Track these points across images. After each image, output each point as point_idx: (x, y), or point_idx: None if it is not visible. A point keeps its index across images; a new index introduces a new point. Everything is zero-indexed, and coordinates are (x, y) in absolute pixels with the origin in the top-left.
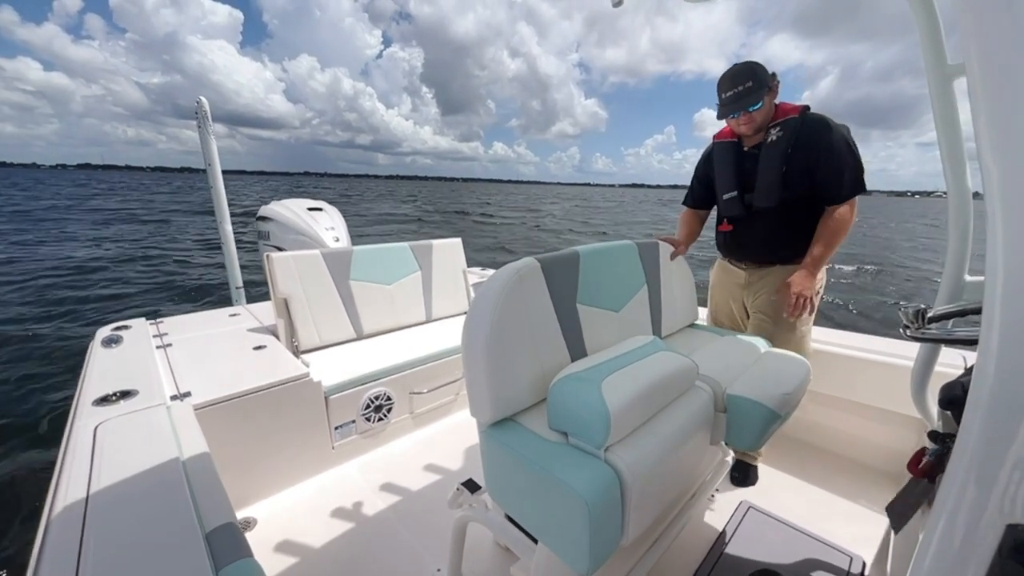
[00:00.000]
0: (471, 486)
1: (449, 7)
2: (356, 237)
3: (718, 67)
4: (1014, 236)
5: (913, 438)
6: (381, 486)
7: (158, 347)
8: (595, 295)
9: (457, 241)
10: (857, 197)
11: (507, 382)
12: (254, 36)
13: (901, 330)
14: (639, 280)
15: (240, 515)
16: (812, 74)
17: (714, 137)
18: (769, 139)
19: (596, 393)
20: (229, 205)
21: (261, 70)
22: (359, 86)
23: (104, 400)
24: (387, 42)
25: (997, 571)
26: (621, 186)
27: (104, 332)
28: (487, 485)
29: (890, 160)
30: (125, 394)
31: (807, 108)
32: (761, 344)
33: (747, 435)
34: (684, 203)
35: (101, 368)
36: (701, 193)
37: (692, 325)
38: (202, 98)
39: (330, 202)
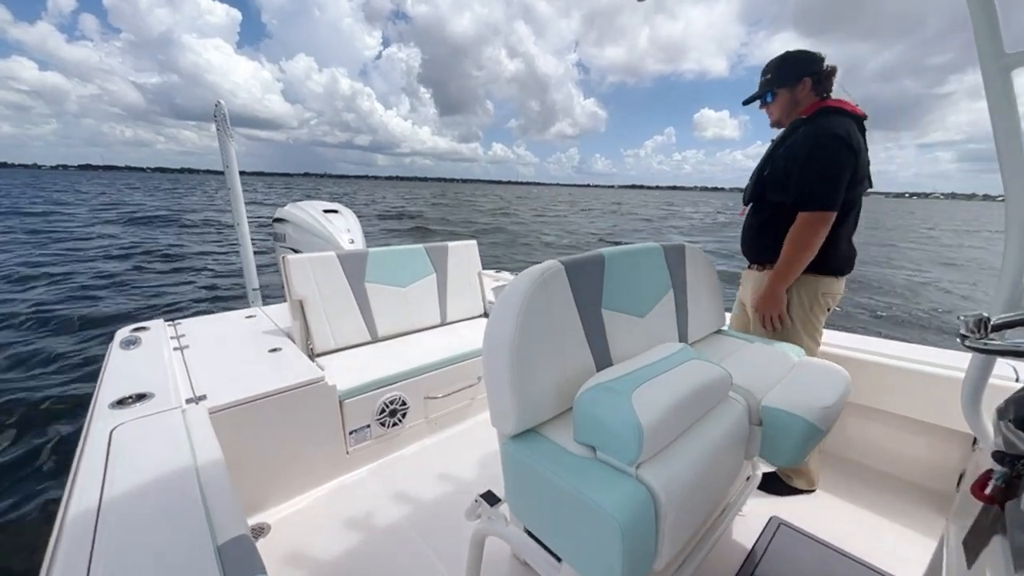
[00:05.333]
0: (490, 498)
1: (446, 6)
2: None
3: (718, 66)
4: None
5: (956, 452)
6: (396, 493)
7: (175, 349)
8: (620, 300)
9: (472, 243)
10: (819, 216)
11: (531, 392)
12: (251, 36)
13: (959, 340)
14: (665, 284)
15: (254, 521)
16: None
17: None
18: (777, 137)
19: (627, 405)
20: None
21: (258, 70)
22: (357, 86)
23: (121, 403)
24: (386, 42)
25: None
26: (620, 187)
27: (123, 333)
28: (508, 499)
29: (890, 162)
30: (141, 397)
31: (828, 111)
32: (794, 352)
33: (785, 450)
34: None
35: (119, 370)
36: None
37: (719, 331)
38: (220, 101)
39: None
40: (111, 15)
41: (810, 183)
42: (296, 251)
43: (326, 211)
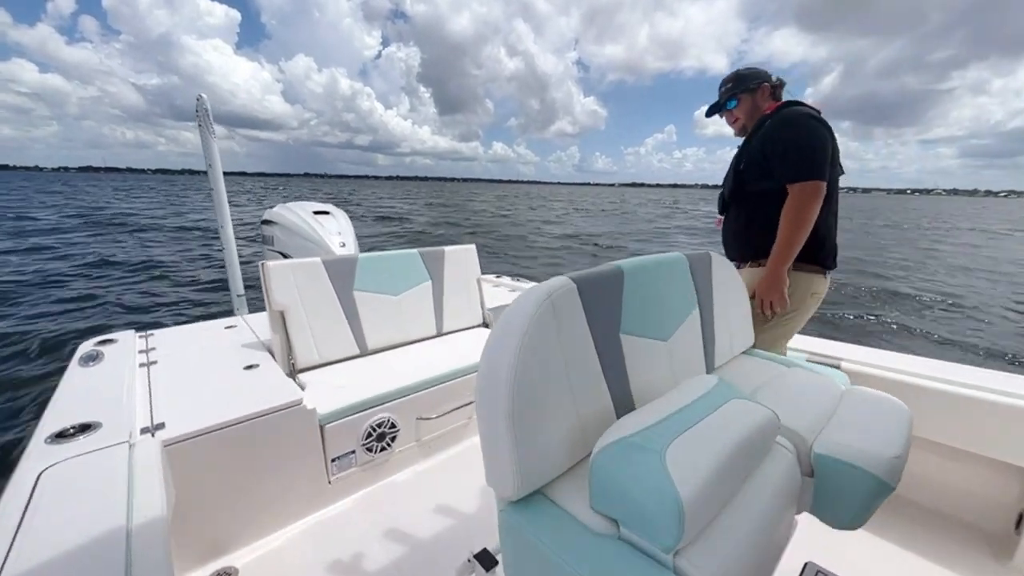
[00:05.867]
0: (485, 560)
1: (445, 5)
2: None
3: (719, 63)
4: None
5: (1013, 489)
6: (383, 529)
7: (141, 365)
8: (641, 322)
9: (471, 248)
10: (811, 185)
11: (536, 445)
12: (251, 36)
13: None
14: (690, 301)
15: (219, 565)
16: (815, 70)
17: None
18: (745, 136)
19: (659, 469)
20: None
21: (258, 71)
22: (357, 86)
23: (60, 436)
24: (385, 42)
25: None
26: (621, 185)
27: (86, 347)
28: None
29: (891, 158)
30: (85, 428)
31: (788, 104)
32: (839, 378)
33: (847, 510)
34: None
35: (71, 392)
36: None
37: (748, 352)
38: (202, 95)
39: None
40: (111, 16)
41: (794, 156)
42: (284, 255)
43: (316, 212)
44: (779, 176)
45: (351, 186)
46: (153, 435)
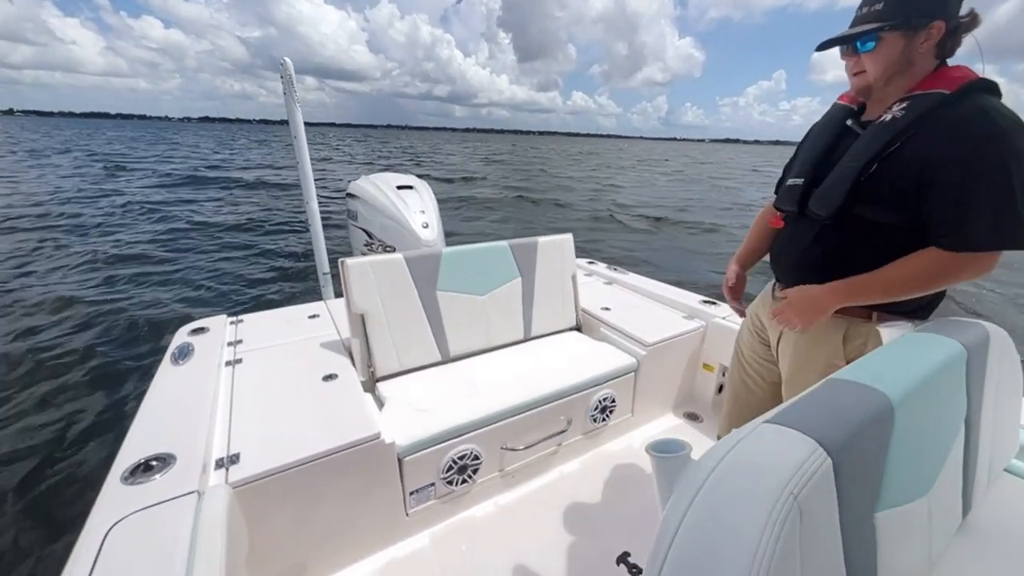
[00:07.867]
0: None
1: None
2: None
3: None
4: None
5: None
6: (466, 565)
7: (227, 363)
8: (906, 483)
9: (567, 237)
10: (994, 259)
11: None
12: None
13: None
14: (958, 418)
15: None
16: None
17: (839, 97)
18: (884, 117)
19: None
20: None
21: (345, 19)
22: (437, 33)
23: (134, 472)
24: None
25: None
26: (713, 141)
27: (181, 336)
28: None
29: None
30: (162, 461)
31: (982, 85)
32: None
33: None
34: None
35: (156, 405)
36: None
37: (1010, 468)
38: (286, 59)
39: None
40: None
41: (1009, 212)
42: (367, 232)
43: (400, 187)
44: (963, 235)
45: (425, 142)
46: (227, 471)
